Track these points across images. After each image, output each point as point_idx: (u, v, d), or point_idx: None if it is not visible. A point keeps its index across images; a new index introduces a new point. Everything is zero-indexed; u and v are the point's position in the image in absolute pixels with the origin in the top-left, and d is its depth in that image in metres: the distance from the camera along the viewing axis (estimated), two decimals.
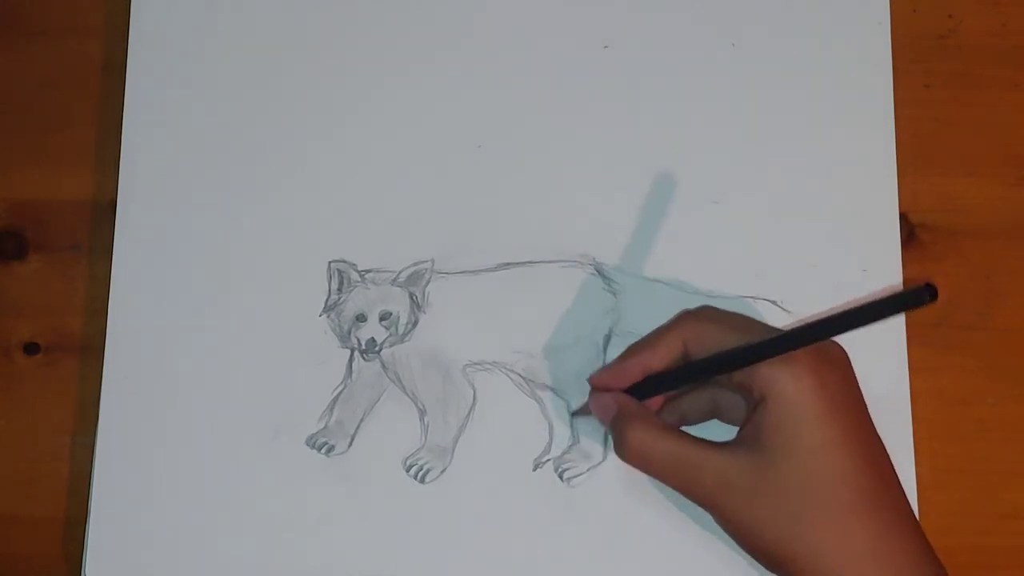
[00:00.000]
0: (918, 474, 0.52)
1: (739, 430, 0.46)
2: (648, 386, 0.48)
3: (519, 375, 0.54)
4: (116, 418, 0.53)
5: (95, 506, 0.52)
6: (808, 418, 0.43)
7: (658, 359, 0.48)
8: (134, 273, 0.54)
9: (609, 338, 0.54)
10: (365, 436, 0.53)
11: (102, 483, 0.52)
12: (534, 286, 0.54)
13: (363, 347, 0.53)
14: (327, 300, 0.54)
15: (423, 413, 0.53)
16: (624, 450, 0.47)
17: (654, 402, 0.49)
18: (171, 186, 0.55)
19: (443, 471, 0.53)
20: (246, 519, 0.52)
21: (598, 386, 0.50)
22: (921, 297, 0.39)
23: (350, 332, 0.54)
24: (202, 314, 0.54)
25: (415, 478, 0.53)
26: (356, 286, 0.54)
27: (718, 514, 0.45)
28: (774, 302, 0.54)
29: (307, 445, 0.53)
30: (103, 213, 0.56)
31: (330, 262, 0.54)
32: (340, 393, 0.53)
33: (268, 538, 0.52)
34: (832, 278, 0.54)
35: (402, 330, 0.54)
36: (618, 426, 0.47)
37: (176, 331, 0.54)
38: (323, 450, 0.53)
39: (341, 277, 0.54)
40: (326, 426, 0.53)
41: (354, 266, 0.54)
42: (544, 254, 0.55)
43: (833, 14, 0.57)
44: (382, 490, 0.52)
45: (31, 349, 0.55)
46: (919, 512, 0.52)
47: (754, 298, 0.54)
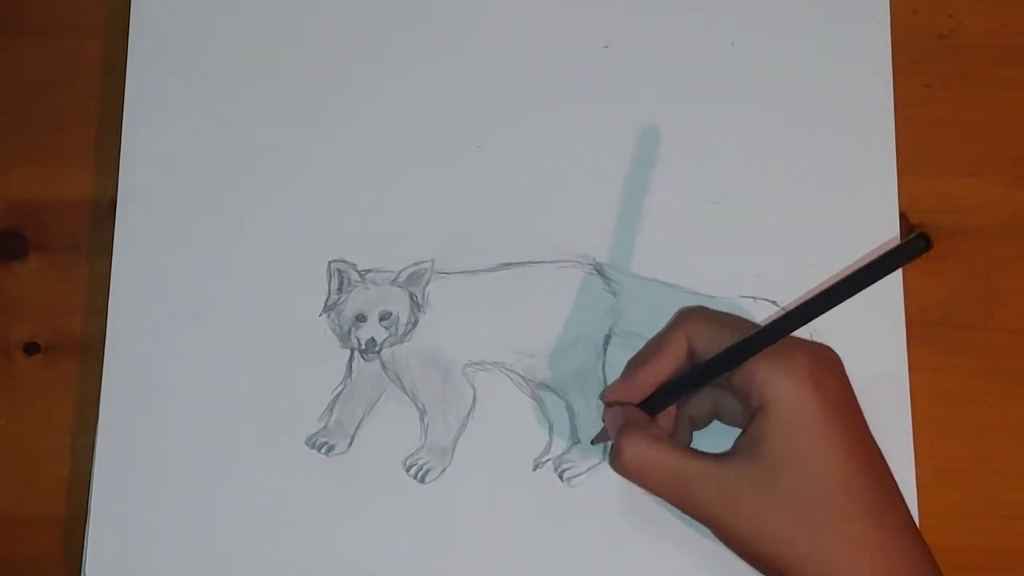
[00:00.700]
0: (918, 474, 0.52)
1: (736, 439, 0.46)
2: (658, 398, 0.47)
3: (519, 375, 0.54)
4: (116, 418, 0.53)
5: (95, 506, 0.52)
6: (807, 424, 0.43)
7: (666, 362, 0.47)
8: (134, 273, 0.54)
9: (609, 338, 0.54)
10: (365, 436, 0.53)
11: (102, 483, 0.52)
12: (534, 286, 0.54)
13: (363, 347, 0.53)
14: (327, 300, 0.54)
15: (423, 413, 0.53)
16: (619, 465, 0.45)
17: (667, 418, 0.49)
18: (171, 186, 0.55)
19: (443, 471, 0.53)
20: (246, 519, 0.52)
21: (611, 402, 0.49)
22: (917, 247, 0.38)
23: (350, 332, 0.54)
24: (202, 314, 0.54)
25: (415, 478, 0.53)
26: (356, 286, 0.54)
27: (717, 524, 0.45)
28: (774, 302, 0.54)
29: (307, 445, 0.53)
30: (103, 213, 0.56)
31: (330, 262, 0.54)
32: (340, 393, 0.53)
33: (268, 538, 0.52)
34: (832, 278, 0.54)
35: (402, 330, 0.54)
36: (616, 439, 0.46)
37: (176, 331, 0.54)
38: (323, 450, 0.53)
39: (341, 277, 0.54)
40: (326, 426, 0.53)
41: (354, 266, 0.54)
42: (544, 254, 0.55)
43: (833, 14, 0.57)
44: (382, 490, 0.52)
45: (31, 349, 0.55)
46: (919, 512, 0.52)
47: (754, 298, 0.54)
